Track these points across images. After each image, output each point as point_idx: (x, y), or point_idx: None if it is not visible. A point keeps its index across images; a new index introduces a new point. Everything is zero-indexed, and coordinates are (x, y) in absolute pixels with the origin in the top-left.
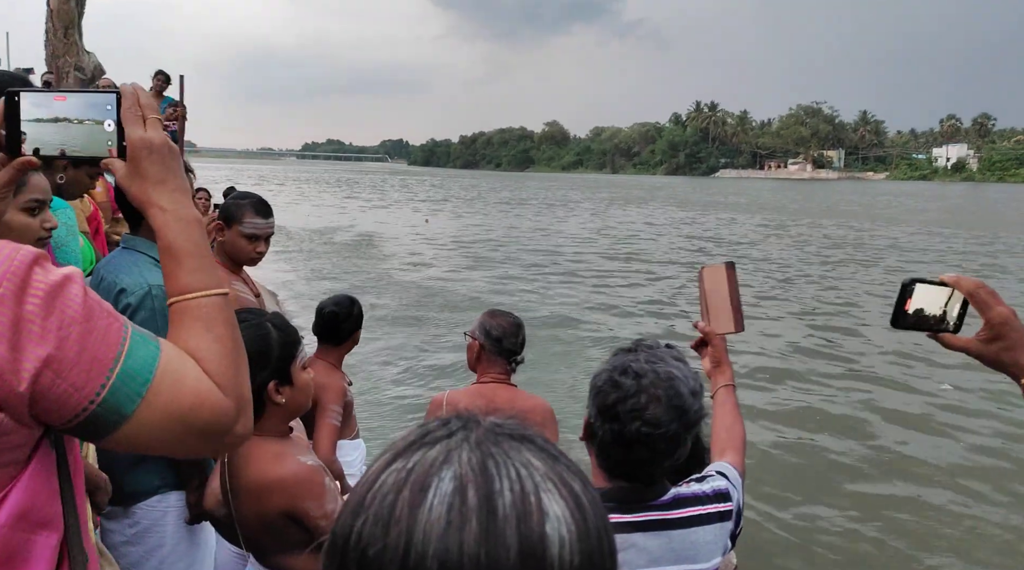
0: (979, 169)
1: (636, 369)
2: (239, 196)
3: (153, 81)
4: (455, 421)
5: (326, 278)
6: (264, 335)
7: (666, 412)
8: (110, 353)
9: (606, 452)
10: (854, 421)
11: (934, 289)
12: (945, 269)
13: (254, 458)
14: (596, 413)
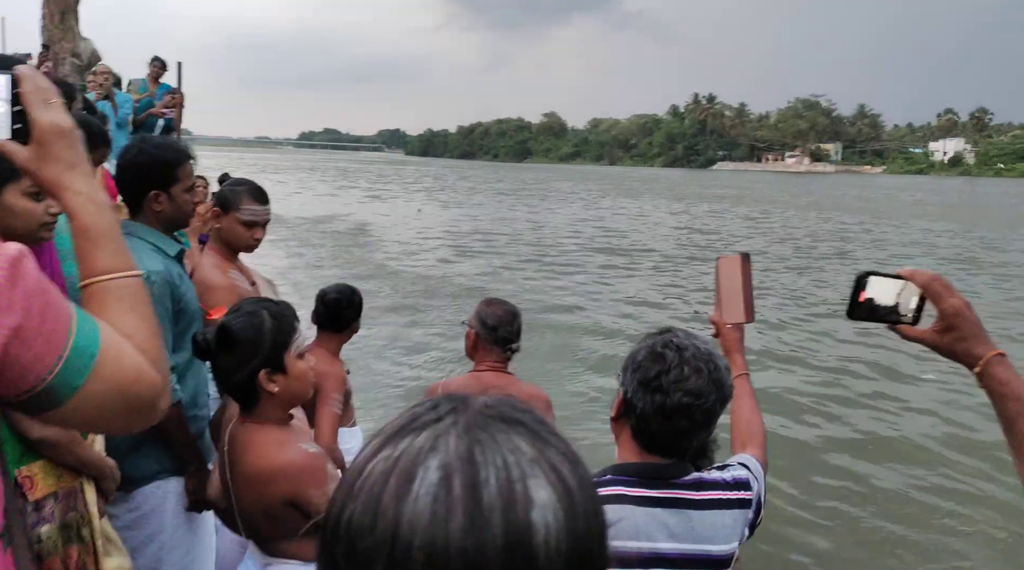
0: (976, 163)
1: (678, 344)
2: (235, 182)
3: (150, 68)
4: (444, 404)
5: (322, 266)
6: (257, 323)
7: (707, 384)
8: (64, 325)
9: (646, 425)
10: (838, 411)
11: (888, 281)
12: (926, 263)
13: (255, 445)
14: (637, 386)
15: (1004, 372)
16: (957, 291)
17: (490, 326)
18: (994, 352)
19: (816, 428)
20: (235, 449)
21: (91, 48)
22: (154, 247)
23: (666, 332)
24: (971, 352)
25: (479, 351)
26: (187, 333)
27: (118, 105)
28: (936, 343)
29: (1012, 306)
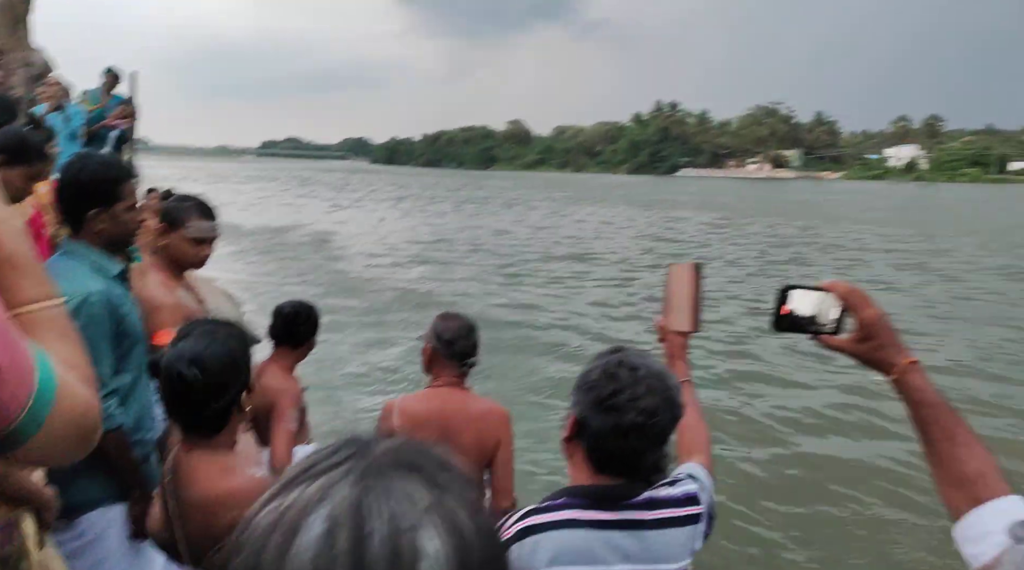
0: (930, 169)
1: (631, 363)
2: (181, 198)
3: (103, 78)
4: (345, 449)
5: (283, 278)
6: (230, 350)
7: (660, 403)
8: (30, 360)
9: (601, 445)
10: (775, 420)
11: (810, 293)
12: (878, 268)
13: (203, 472)
14: (590, 407)
15: (918, 379)
16: (874, 302)
17: (446, 340)
18: (909, 360)
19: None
20: (180, 477)
21: (43, 58)
22: (94, 267)
23: (618, 351)
24: (888, 360)
25: (436, 366)
26: (130, 354)
27: (69, 117)
28: (855, 352)
29: (949, 308)
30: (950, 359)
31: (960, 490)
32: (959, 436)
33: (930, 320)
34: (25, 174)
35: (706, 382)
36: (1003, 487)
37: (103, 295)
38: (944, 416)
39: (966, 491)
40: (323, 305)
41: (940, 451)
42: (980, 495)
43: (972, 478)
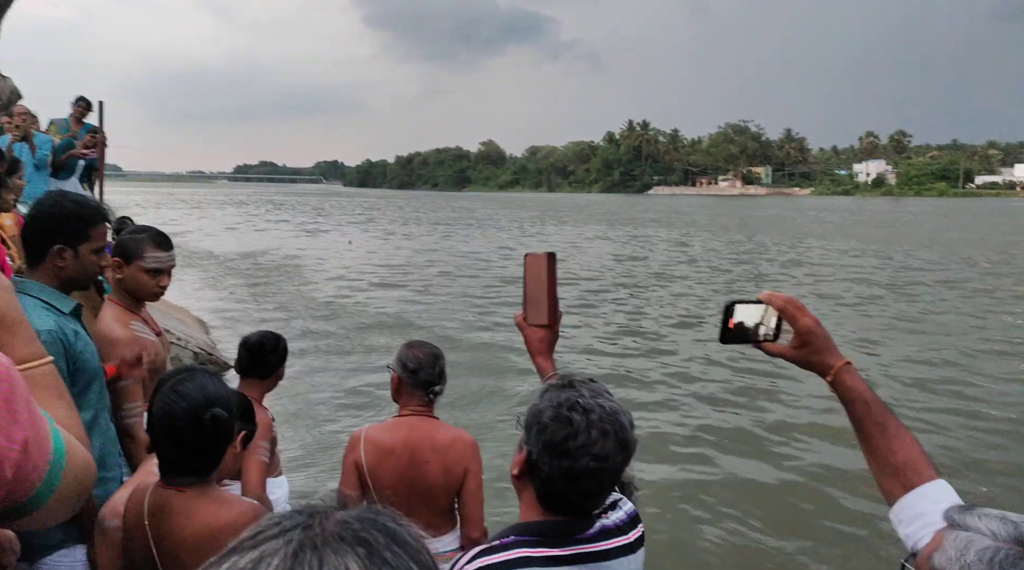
0: (897, 184)
1: (584, 405)
2: (136, 230)
3: (73, 108)
4: (296, 517)
5: (253, 304)
6: (229, 388)
7: (613, 446)
8: (46, 429)
9: (551, 488)
10: (744, 428)
11: (752, 307)
12: (845, 284)
13: (200, 509)
14: (542, 450)
15: (851, 379)
16: (808, 311)
17: (411, 369)
18: (843, 362)
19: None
20: (170, 516)
21: (11, 86)
22: (45, 304)
23: (569, 387)
24: (823, 363)
25: (402, 395)
26: (88, 392)
27: (36, 146)
28: (794, 357)
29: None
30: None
31: (893, 478)
32: (890, 428)
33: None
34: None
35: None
36: (930, 473)
37: (55, 333)
38: (876, 411)
39: (898, 478)
40: (293, 330)
41: (874, 444)
42: (911, 481)
43: (903, 466)
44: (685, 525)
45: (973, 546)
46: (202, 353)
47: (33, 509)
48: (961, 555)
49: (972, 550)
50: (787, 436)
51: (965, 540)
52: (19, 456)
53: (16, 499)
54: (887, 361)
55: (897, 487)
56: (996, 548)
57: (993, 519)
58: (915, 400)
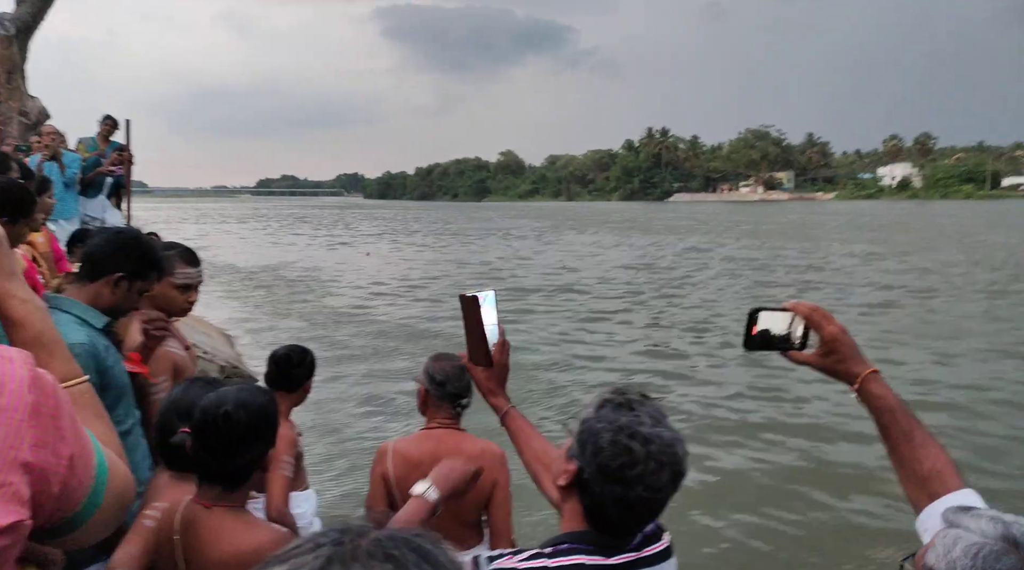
0: (923, 186)
1: (645, 434)
2: (165, 246)
3: (101, 126)
4: (330, 534)
5: (276, 316)
6: (269, 401)
7: (668, 478)
8: (89, 445)
9: (602, 511)
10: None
11: (776, 314)
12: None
13: (228, 530)
14: (596, 472)
15: (879, 387)
16: (834, 319)
17: (438, 382)
18: (870, 370)
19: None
20: (199, 534)
21: (39, 106)
22: (78, 319)
23: (628, 409)
24: (850, 371)
25: (429, 408)
26: (117, 407)
27: (65, 165)
28: (820, 365)
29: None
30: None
31: (919, 487)
32: (917, 438)
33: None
34: (27, 226)
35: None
36: (956, 482)
37: (87, 347)
38: (903, 420)
39: (924, 488)
40: (316, 341)
41: (901, 452)
42: (936, 491)
43: (929, 476)
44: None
45: (960, 543)
46: (228, 366)
47: (77, 526)
48: (948, 551)
49: (959, 546)
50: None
51: (953, 537)
52: (66, 472)
53: (62, 515)
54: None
55: (923, 496)
56: (981, 544)
57: (984, 518)
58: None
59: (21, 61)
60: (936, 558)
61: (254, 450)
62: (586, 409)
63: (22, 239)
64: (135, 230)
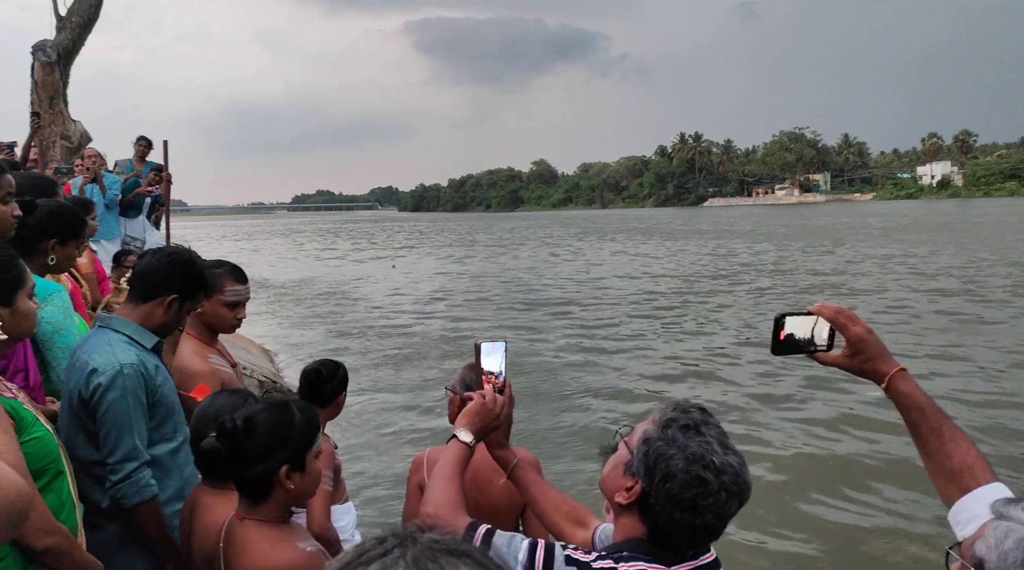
0: (964, 185)
1: (719, 464)
2: (214, 265)
3: (135, 147)
4: (392, 539)
5: (311, 329)
6: (288, 417)
7: (736, 506)
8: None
9: (666, 535)
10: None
11: (802, 319)
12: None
13: (252, 544)
14: (665, 499)
15: (906, 386)
16: (859, 320)
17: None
18: (897, 368)
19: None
20: (232, 546)
21: (81, 130)
22: (129, 340)
23: (697, 433)
24: (877, 371)
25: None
26: (165, 425)
27: (106, 187)
28: (847, 366)
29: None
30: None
31: (950, 481)
32: (946, 433)
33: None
34: (76, 247)
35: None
36: (987, 476)
37: (137, 367)
38: (932, 416)
39: (955, 482)
40: (349, 354)
41: (930, 448)
42: (967, 484)
43: (959, 470)
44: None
45: (1012, 534)
46: (267, 381)
47: None
48: (1000, 543)
49: (1011, 538)
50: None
51: (1005, 529)
52: None
53: None
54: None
55: (954, 490)
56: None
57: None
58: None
59: (63, 86)
60: (987, 549)
61: (261, 465)
62: (648, 425)
63: (72, 260)
64: (188, 251)
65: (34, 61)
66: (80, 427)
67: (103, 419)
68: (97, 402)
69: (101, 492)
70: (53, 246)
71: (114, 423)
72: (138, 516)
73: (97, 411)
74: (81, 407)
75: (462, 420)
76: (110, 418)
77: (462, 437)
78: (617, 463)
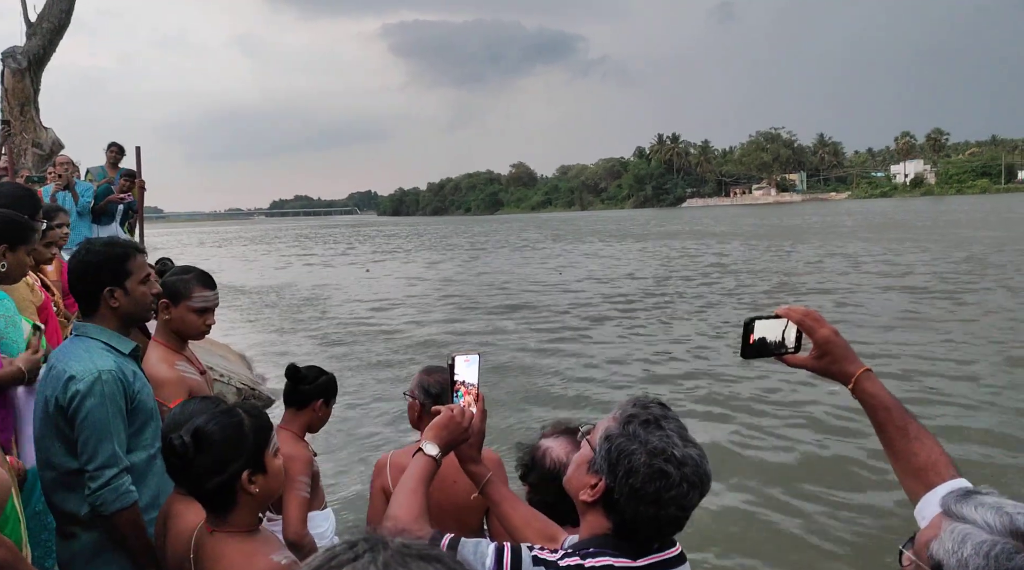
0: (937, 183)
1: (679, 457)
2: (180, 271)
3: (107, 153)
4: (362, 543)
5: (291, 335)
6: (237, 422)
7: (698, 497)
8: None
9: (632, 528)
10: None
11: (771, 322)
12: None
13: (226, 558)
14: (630, 493)
15: (872, 386)
16: (826, 322)
17: (433, 395)
18: (863, 369)
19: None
20: (204, 560)
21: (52, 137)
22: (106, 346)
23: (657, 427)
24: (844, 371)
25: (423, 420)
26: (144, 432)
27: (79, 194)
28: (815, 367)
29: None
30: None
31: (916, 479)
32: (911, 432)
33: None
34: (28, 252)
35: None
36: (951, 472)
37: (116, 373)
38: (897, 415)
39: (920, 479)
40: (329, 360)
41: (896, 447)
42: (932, 481)
43: (924, 468)
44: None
45: (970, 540)
46: (245, 388)
47: None
48: (958, 548)
49: (969, 544)
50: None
51: (962, 533)
52: None
53: None
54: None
55: (920, 488)
56: (992, 542)
57: (989, 510)
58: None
59: (34, 93)
60: (945, 553)
61: (217, 476)
62: (609, 423)
63: (24, 266)
64: (83, 247)
65: (4, 68)
66: (56, 435)
67: (82, 426)
68: (76, 409)
69: (78, 500)
70: (3, 253)
71: (93, 430)
72: (118, 523)
73: (76, 418)
74: (58, 414)
75: (429, 433)
76: (89, 425)
77: (428, 450)
78: (581, 462)
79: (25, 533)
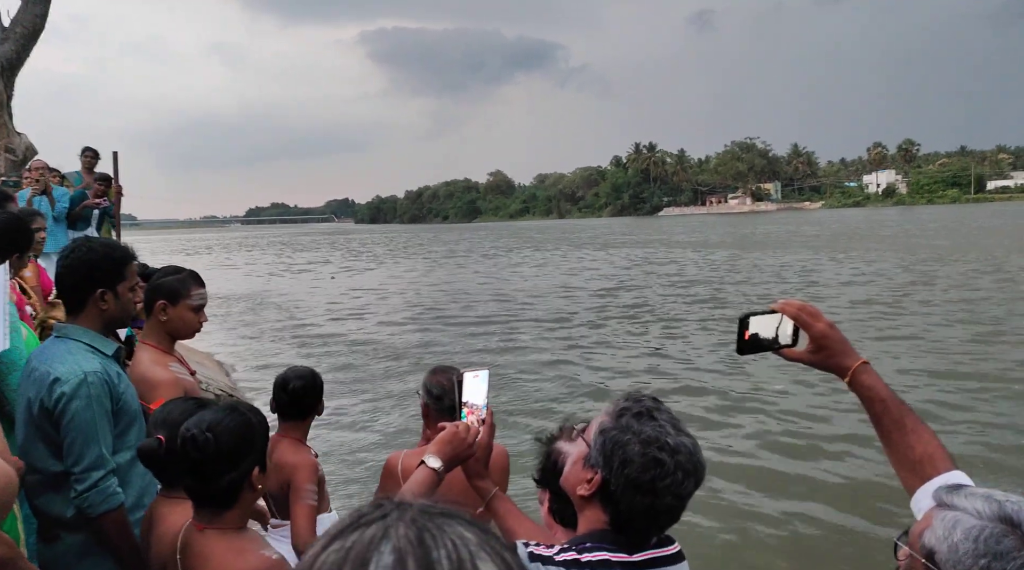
0: (908, 193)
1: (673, 445)
2: (173, 272)
3: (82, 159)
4: (388, 504)
5: (269, 343)
6: (246, 420)
7: (693, 485)
8: None
9: (628, 519)
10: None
11: (766, 317)
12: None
13: (217, 555)
14: (625, 484)
15: (869, 378)
16: (822, 316)
17: (435, 395)
18: (859, 362)
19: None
20: (192, 557)
21: (26, 142)
22: (90, 347)
23: (650, 419)
24: (840, 365)
25: (430, 420)
26: (128, 433)
27: (55, 199)
28: (811, 361)
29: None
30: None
31: (912, 472)
32: (908, 425)
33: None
34: (19, 259)
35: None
36: (947, 465)
37: (101, 374)
38: (893, 408)
39: (917, 472)
40: (314, 364)
41: (893, 440)
42: (928, 474)
43: (920, 460)
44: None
45: (960, 525)
46: (224, 395)
47: None
48: (949, 534)
49: (959, 529)
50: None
51: (952, 520)
52: None
53: None
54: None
55: (916, 481)
56: (981, 526)
57: (978, 498)
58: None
59: (7, 98)
60: (937, 540)
61: (232, 472)
62: (603, 417)
63: (20, 270)
64: (82, 245)
65: None
66: (41, 438)
67: (68, 428)
68: (61, 411)
69: (63, 503)
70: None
71: (79, 432)
72: (105, 525)
73: (61, 420)
74: (43, 417)
75: (433, 447)
76: (75, 427)
77: (430, 463)
78: (577, 459)
79: (23, 531)
